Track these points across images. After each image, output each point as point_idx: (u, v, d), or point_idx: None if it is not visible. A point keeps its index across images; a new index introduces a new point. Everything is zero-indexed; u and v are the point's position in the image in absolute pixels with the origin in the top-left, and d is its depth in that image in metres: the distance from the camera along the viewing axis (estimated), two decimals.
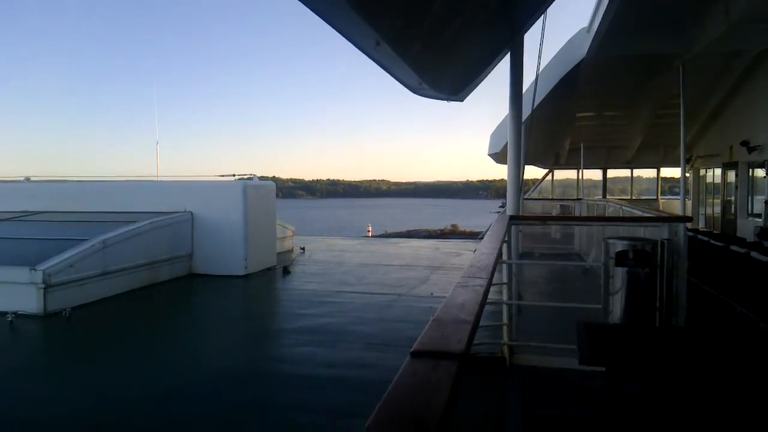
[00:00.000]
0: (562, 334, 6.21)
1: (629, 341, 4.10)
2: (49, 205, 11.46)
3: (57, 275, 7.75)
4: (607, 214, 10.40)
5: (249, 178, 11.12)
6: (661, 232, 5.26)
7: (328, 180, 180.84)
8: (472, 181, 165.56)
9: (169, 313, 8.20)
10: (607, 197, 20.66)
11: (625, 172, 22.47)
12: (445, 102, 8.44)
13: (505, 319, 5.50)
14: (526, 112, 7.94)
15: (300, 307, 8.29)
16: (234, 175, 11.17)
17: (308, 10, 4.60)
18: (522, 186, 7.09)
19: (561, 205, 15.49)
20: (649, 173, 22.44)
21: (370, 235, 32.80)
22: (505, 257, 5.28)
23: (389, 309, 7.94)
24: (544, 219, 6.11)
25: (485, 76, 8.10)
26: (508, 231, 5.15)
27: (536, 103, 8.84)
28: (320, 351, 6.10)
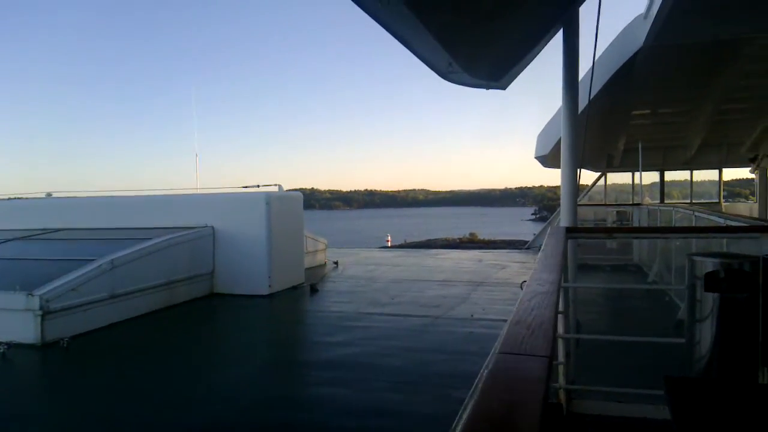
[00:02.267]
0: (634, 373, 5.12)
1: (732, 403, 3.01)
2: (69, 222, 10.94)
3: (57, 300, 7.05)
4: (675, 222, 9.16)
5: (273, 189, 10.32)
6: (760, 246, 4.13)
7: (366, 191, 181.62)
8: (510, 189, 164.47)
9: (179, 340, 7.37)
10: (665, 201, 19.15)
11: (678, 175, 20.83)
12: (484, 91, 7.30)
13: (561, 357, 4.44)
14: (582, 105, 6.84)
15: (324, 333, 7.38)
16: (258, 186, 10.40)
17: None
18: (578, 190, 5.99)
19: (618, 212, 14.17)
20: (706, 175, 20.77)
21: (389, 244, 32.64)
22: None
23: (423, 336, 6.94)
24: (611, 231, 4.98)
25: (532, 58, 6.92)
26: (564, 246, 4.14)
27: (593, 94, 7.69)
28: (340, 392, 5.16)
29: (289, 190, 11.00)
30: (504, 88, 7.62)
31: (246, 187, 10.38)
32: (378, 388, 5.17)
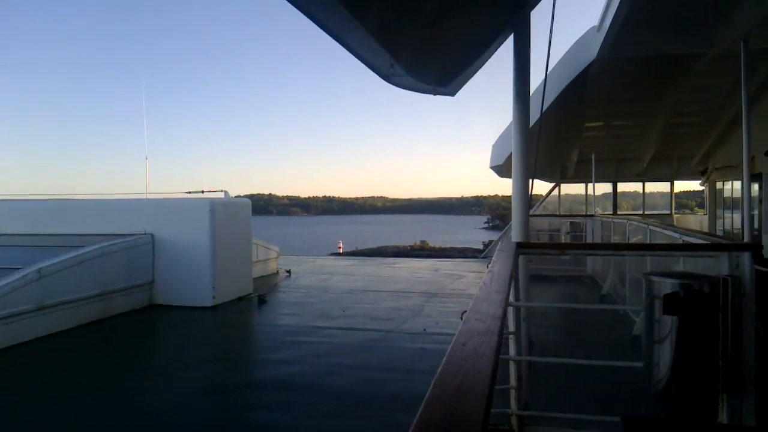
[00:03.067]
0: (590, 397, 4.92)
1: None
2: (2, 227, 10.22)
3: None
4: (629, 234, 9.10)
5: (219, 195, 9.85)
6: (718, 265, 3.97)
7: (324, 197, 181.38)
8: (466, 197, 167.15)
9: (109, 358, 6.82)
10: (618, 213, 19.39)
11: (628, 186, 21.17)
12: (444, 98, 7.02)
13: (512, 380, 4.19)
14: (534, 116, 6.65)
15: (268, 350, 6.98)
16: (203, 191, 9.92)
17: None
18: (530, 201, 5.77)
19: (571, 222, 14.16)
20: (656, 187, 21.17)
21: (341, 251, 32.99)
22: (511, 297, 4.01)
23: (372, 352, 6.62)
24: (564, 248, 4.73)
25: (482, 63, 6.66)
26: (515, 263, 3.88)
27: (546, 104, 7.56)
28: (281, 418, 4.78)
29: (246, 195, 10.57)
30: (453, 94, 7.38)
31: (190, 192, 9.88)
32: (321, 413, 4.82)
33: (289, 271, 13.00)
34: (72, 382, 5.82)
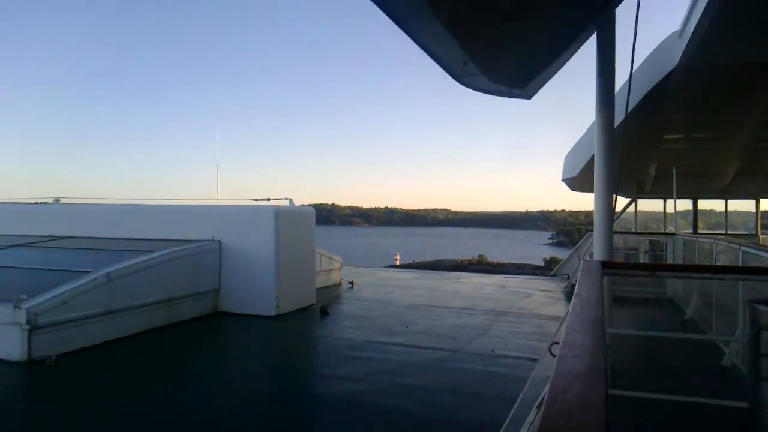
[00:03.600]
0: None
1: None
2: (75, 230, 10.54)
3: (46, 314, 6.58)
4: (717, 255, 8.40)
5: (284, 203, 9.79)
6: None
7: (386, 208, 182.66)
8: (531, 212, 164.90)
9: (172, 365, 6.80)
10: (698, 232, 18.27)
11: (705, 204, 19.81)
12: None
13: None
14: (618, 120, 6.18)
15: (329, 364, 6.79)
16: (269, 199, 9.89)
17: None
18: (614, 219, 5.31)
19: (651, 241, 13.36)
20: (737, 205, 19.78)
21: (397, 263, 33.08)
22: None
23: (437, 372, 6.31)
24: (655, 270, 4.17)
25: (562, 64, 6.20)
26: (600, 286, 3.52)
27: (630, 108, 7.08)
28: None
29: (310, 205, 10.51)
30: (529, 97, 6.98)
31: (255, 200, 9.88)
32: None
33: (351, 283, 12.84)
34: (118, 388, 5.79)
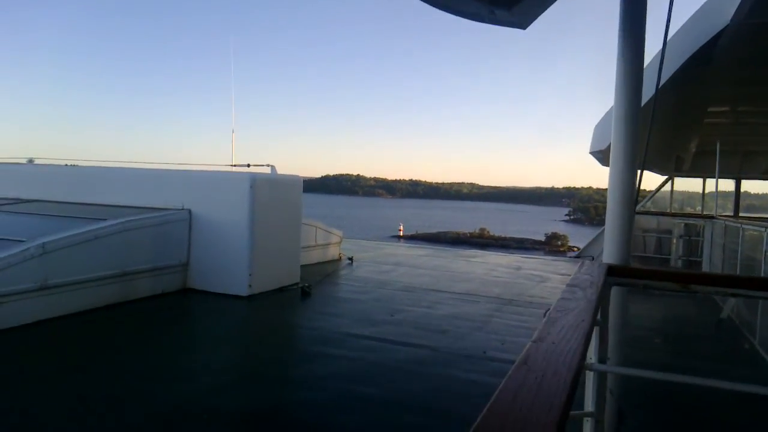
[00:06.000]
0: None
1: None
2: (47, 193, 9.60)
3: None
4: (767, 247, 6.98)
5: (265, 170, 8.66)
6: None
7: (410, 180, 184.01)
8: (557, 188, 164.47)
9: (109, 349, 5.78)
10: (739, 215, 16.59)
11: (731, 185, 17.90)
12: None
13: None
14: (648, 90, 4.83)
15: (282, 362, 5.69)
16: (248, 165, 8.77)
17: None
18: (636, 201, 4.01)
19: (686, 224, 11.91)
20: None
21: (401, 234, 33.71)
22: (591, 355, 2.40)
23: (410, 378, 5.14)
24: (688, 281, 2.91)
25: None
26: (598, 302, 2.28)
27: (663, 80, 5.75)
28: None
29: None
30: (524, 26, 5.48)
31: (235, 165, 8.77)
32: None
33: (351, 258, 11.75)
34: (41, 376, 4.77)
